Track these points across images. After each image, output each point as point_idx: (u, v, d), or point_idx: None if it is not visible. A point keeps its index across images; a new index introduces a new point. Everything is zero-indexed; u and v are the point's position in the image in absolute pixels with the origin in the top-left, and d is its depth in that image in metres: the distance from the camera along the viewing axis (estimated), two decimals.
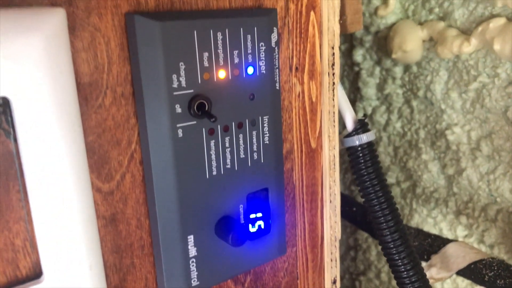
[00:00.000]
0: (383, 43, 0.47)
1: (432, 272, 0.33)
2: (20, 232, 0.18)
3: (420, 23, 0.43)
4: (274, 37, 0.23)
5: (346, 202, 0.41)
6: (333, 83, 0.28)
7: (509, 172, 0.41)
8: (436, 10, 0.42)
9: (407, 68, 0.46)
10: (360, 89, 0.51)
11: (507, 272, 0.30)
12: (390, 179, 0.52)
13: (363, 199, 0.30)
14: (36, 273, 0.19)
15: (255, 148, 0.23)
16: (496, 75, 0.39)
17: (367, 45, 0.48)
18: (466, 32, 0.40)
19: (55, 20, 0.18)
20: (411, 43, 0.43)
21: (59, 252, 0.19)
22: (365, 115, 0.30)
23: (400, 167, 0.51)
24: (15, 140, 0.18)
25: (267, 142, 0.23)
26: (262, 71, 0.23)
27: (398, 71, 0.47)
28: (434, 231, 0.49)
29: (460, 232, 0.47)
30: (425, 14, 0.43)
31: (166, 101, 0.20)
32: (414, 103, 0.47)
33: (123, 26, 0.19)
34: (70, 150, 0.18)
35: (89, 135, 0.19)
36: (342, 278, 0.62)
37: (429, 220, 0.49)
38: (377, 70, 0.49)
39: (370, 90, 0.50)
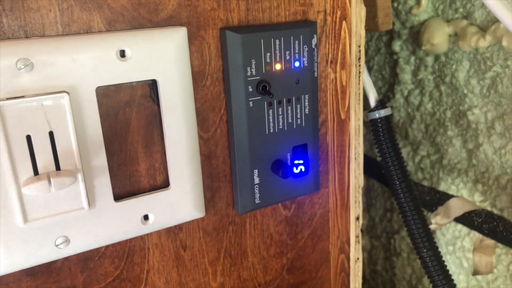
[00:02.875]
0: (416, 36, 0.55)
1: (437, 218, 0.43)
2: (158, 159, 0.32)
3: (447, 21, 0.52)
4: (314, 41, 0.34)
5: (377, 166, 0.51)
6: (359, 72, 0.38)
7: None
8: (461, 10, 0.50)
9: (437, 57, 0.55)
10: (398, 74, 0.60)
11: (491, 219, 0.40)
12: (422, 152, 0.61)
13: (380, 158, 0.40)
14: (166, 184, 0.32)
15: (298, 116, 0.35)
16: (507, 66, 0.47)
17: (403, 37, 0.57)
18: (484, 30, 0.48)
19: (181, 34, 0.30)
20: (437, 37, 0.51)
21: (180, 172, 0.32)
22: (383, 98, 0.40)
23: (430, 142, 0.60)
24: (158, 104, 0.30)
25: (307, 112, 0.35)
26: (305, 64, 0.34)
27: (429, 60, 0.56)
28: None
29: (477, 197, 0.55)
30: (451, 13, 0.51)
31: (243, 84, 0.32)
32: (442, 88, 0.56)
33: (218, 36, 0.31)
34: (188, 112, 0.31)
35: (197, 103, 0.32)
36: (379, 237, 0.72)
37: (452, 187, 0.58)
38: (412, 58, 0.58)
39: (406, 76, 0.59)
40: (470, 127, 0.54)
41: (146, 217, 0.32)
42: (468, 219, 0.41)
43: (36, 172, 0.27)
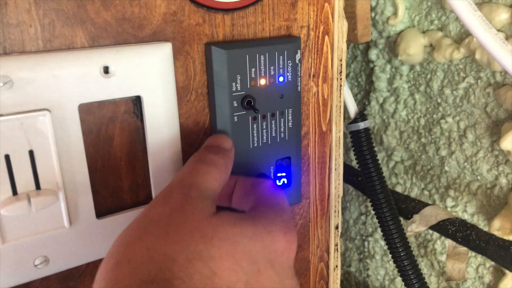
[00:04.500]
0: (393, 46, 0.56)
1: (412, 226, 0.45)
2: (141, 175, 0.31)
3: (423, 32, 0.53)
4: (298, 56, 0.34)
5: (354, 173, 0.52)
6: (340, 85, 0.39)
7: (487, 156, 0.51)
8: (436, 22, 0.51)
9: (412, 67, 0.56)
10: (374, 82, 0.61)
11: (464, 227, 0.41)
12: (396, 157, 0.63)
13: (360, 168, 0.41)
14: (149, 200, 0.32)
15: (282, 130, 0.35)
16: (479, 78, 0.48)
17: (380, 46, 0.58)
18: (458, 42, 0.49)
19: (166, 49, 0.29)
20: (414, 48, 0.52)
21: (163, 188, 0.31)
22: (364, 109, 0.41)
23: (404, 148, 0.61)
24: (142, 120, 0.30)
25: (291, 126, 0.35)
26: (289, 79, 0.34)
27: (404, 69, 0.57)
28: (429, 202, 0.60)
29: (449, 203, 0.57)
30: (427, 25, 0.52)
31: (228, 99, 0.31)
32: (417, 96, 0.57)
33: (203, 51, 0.31)
34: (171, 127, 0.31)
35: (181, 118, 0.31)
36: (353, 239, 0.74)
37: (425, 192, 0.60)
38: (388, 67, 0.59)
39: (381, 84, 0.60)
40: (443, 135, 0.55)
41: None
42: (443, 227, 0.42)
43: (15, 192, 0.26)
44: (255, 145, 0.34)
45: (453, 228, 0.41)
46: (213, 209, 0.24)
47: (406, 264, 0.39)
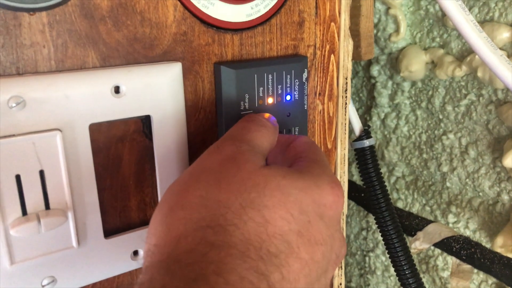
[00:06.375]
0: (394, 62, 0.57)
1: (416, 244, 0.45)
2: (149, 193, 0.31)
3: (425, 49, 0.53)
4: (304, 75, 0.34)
5: (356, 189, 0.52)
6: (346, 103, 0.39)
7: (489, 173, 0.51)
8: (438, 39, 0.52)
9: (413, 83, 0.57)
10: (375, 98, 0.62)
11: (468, 245, 0.41)
12: (397, 173, 0.63)
13: (365, 186, 0.41)
14: None
15: None
16: (481, 95, 0.49)
17: (382, 63, 0.59)
18: (459, 59, 0.50)
19: (176, 69, 0.30)
20: (415, 65, 0.53)
21: None
22: (368, 126, 0.42)
23: (406, 164, 0.62)
24: (151, 139, 0.30)
25: None
26: (296, 98, 0.34)
27: (406, 85, 0.57)
28: (430, 217, 0.60)
29: (451, 219, 0.57)
30: (428, 42, 0.53)
31: (236, 117, 0.32)
32: (418, 112, 0.57)
33: (212, 70, 0.31)
34: (180, 146, 0.31)
35: (189, 137, 0.31)
36: (354, 254, 0.74)
37: (426, 208, 0.60)
38: (390, 83, 0.59)
39: (383, 99, 0.61)
40: (445, 151, 0.56)
41: (135, 253, 0.31)
42: (447, 245, 0.42)
43: (24, 212, 0.26)
44: None
45: (457, 246, 0.41)
46: (263, 162, 0.24)
47: (411, 282, 0.39)
